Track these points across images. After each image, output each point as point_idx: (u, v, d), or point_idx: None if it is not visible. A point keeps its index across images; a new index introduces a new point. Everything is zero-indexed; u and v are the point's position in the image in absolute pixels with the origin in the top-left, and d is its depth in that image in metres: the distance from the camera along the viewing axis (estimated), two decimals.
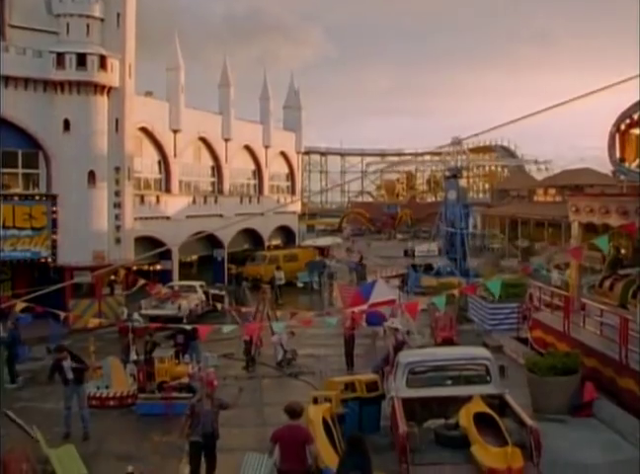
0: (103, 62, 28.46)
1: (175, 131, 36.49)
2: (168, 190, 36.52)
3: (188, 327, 19.82)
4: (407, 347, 17.61)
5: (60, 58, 27.92)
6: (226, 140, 41.47)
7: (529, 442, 10.97)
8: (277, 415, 11.63)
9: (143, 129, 34.38)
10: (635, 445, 13.18)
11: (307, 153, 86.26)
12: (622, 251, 23.77)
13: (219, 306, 29.30)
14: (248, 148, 45.03)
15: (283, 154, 50.03)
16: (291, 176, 51.70)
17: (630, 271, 20.87)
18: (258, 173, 46.61)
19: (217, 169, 41.57)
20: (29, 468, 11.91)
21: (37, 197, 28.42)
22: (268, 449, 10.59)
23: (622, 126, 19.13)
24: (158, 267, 35.29)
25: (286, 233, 50.66)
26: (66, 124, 28.34)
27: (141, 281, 25.56)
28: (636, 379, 14.67)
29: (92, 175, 28.67)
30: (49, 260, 28.17)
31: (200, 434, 11.68)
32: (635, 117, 18.92)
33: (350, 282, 37.12)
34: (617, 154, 19.34)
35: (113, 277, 28.39)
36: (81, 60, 28.02)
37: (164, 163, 36.45)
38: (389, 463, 11.19)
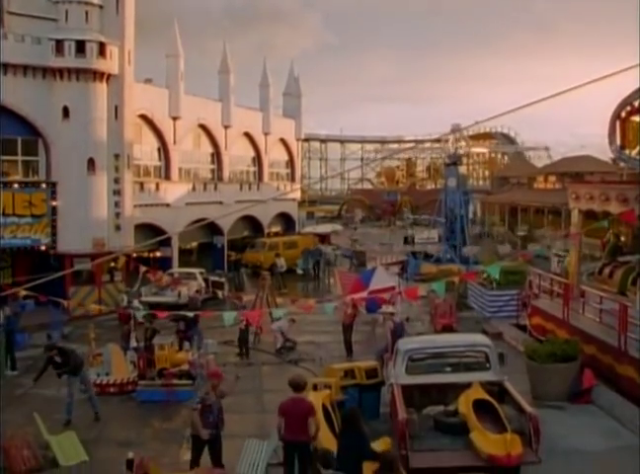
0: (102, 49, 28.32)
1: (174, 118, 36.34)
2: (167, 177, 36.43)
3: (189, 314, 19.82)
4: (405, 333, 17.59)
5: (59, 45, 27.77)
6: (226, 127, 41.31)
7: (528, 429, 11.01)
8: (276, 401, 11.65)
9: (143, 116, 34.24)
10: (634, 432, 13.25)
11: (307, 140, 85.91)
12: (622, 238, 23.81)
13: (219, 293, 29.34)
14: (248, 135, 44.87)
15: (283, 141, 49.84)
16: (291, 163, 51.54)
17: (630, 258, 20.94)
18: (257, 160, 46.48)
19: (217, 156, 41.44)
20: (30, 454, 11.99)
21: (36, 185, 28.36)
22: (276, 426, 11.01)
23: (623, 114, 19.08)
24: (158, 254, 35.27)
25: (286, 220, 50.59)
26: (65, 112, 28.23)
27: (143, 269, 25.67)
28: (635, 366, 14.71)
29: (91, 162, 28.60)
30: (49, 247, 28.16)
31: (211, 426, 11.63)
32: (636, 104, 18.85)
33: (349, 269, 37.14)
34: (618, 141, 19.31)
35: (112, 264, 28.39)
36: (80, 47, 27.86)
37: (163, 150, 36.34)
38: None
